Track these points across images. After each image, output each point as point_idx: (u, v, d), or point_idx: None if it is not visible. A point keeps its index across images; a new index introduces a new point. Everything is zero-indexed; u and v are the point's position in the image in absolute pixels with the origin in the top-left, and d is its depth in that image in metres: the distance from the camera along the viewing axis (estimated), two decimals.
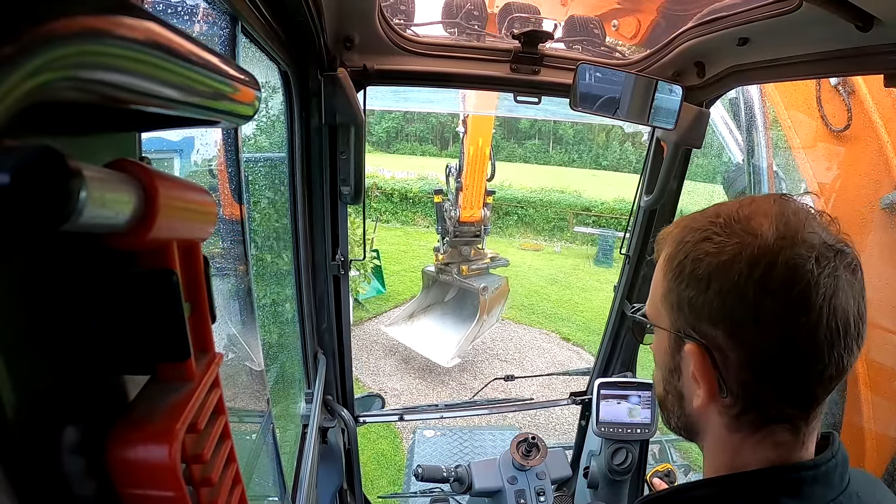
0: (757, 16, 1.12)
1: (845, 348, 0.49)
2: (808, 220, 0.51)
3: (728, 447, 0.56)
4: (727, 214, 0.53)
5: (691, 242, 0.54)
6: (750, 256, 0.49)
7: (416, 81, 1.53)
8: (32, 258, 0.25)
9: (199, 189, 0.35)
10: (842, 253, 0.50)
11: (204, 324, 0.37)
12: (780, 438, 0.53)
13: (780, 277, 0.48)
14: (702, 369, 0.53)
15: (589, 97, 1.39)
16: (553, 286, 11.64)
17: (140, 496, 0.30)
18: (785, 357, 0.50)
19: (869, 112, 1.75)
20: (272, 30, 1.02)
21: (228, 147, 1.09)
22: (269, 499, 1.31)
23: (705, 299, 0.52)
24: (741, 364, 0.52)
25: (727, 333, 0.51)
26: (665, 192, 1.66)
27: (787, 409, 0.53)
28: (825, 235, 0.50)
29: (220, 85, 0.35)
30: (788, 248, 0.49)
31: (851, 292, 0.49)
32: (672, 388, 0.60)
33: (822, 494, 0.52)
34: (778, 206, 0.52)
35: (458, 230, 7.18)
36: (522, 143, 33.21)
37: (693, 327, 0.53)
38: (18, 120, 0.19)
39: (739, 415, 0.54)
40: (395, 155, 28.27)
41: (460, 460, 2.88)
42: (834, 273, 0.48)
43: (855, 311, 0.49)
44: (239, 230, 1.14)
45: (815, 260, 0.48)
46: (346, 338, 1.74)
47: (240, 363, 1.23)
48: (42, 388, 0.26)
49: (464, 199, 6.99)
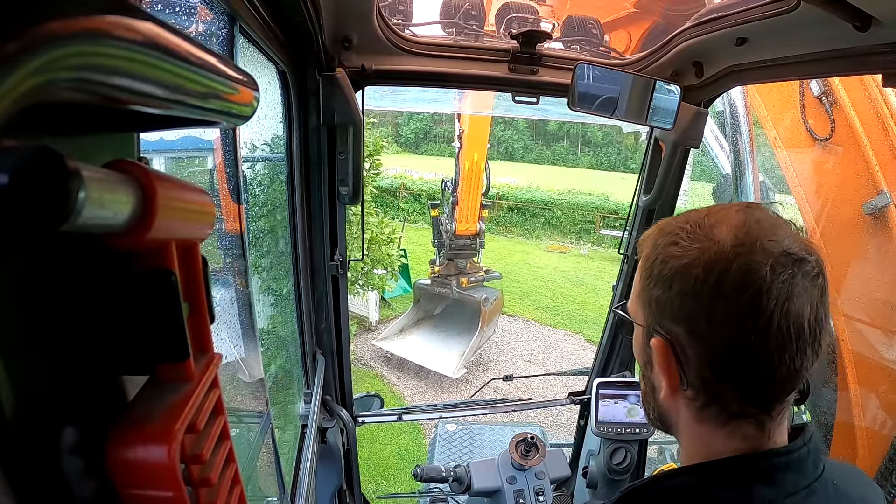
0: (755, 16, 1.13)
1: (798, 352, 0.51)
2: (770, 228, 0.53)
3: (700, 438, 0.59)
4: (694, 221, 0.57)
5: (661, 245, 0.58)
6: (707, 261, 0.53)
7: (415, 81, 1.53)
8: (31, 258, 0.25)
9: (197, 189, 0.35)
10: (802, 261, 0.52)
11: (203, 324, 0.37)
12: (747, 432, 0.56)
13: (733, 282, 0.51)
14: (664, 362, 0.57)
15: (587, 97, 1.39)
16: (579, 288, 11.78)
17: (139, 496, 0.30)
18: (737, 357, 0.53)
19: (851, 121, 1.83)
20: (270, 30, 1.01)
21: (227, 147, 1.09)
22: (268, 499, 1.31)
23: (668, 298, 0.56)
24: (700, 360, 0.55)
25: (686, 331, 0.55)
26: (663, 192, 1.66)
27: (748, 408, 0.55)
28: (788, 244, 0.52)
29: (218, 85, 0.35)
30: (744, 255, 0.51)
31: (808, 298, 0.51)
32: (647, 380, 0.64)
33: (794, 481, 0.54)
34: (742, 214, 0.55)
35: (455, 243, 7.35)
36: (551, 146, 33.18)
37: (659, 323, 0.58)
38: (17, 120, 0.19)
39: (703, 408, 0.57)
40: (424, 156, 28.12)
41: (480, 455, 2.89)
42: (791, 280, 0.51)
43: (811, 317, 0.51)
44: (238, 230, 1.14)
45: (770, 267, 0.51)
46: (345, 338, 1.74)
47: (239, 363, 1.23)
48: (41, 388, 0.26)
49: (459, 213, 7.18)
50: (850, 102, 1.82)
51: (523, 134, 32.56)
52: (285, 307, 1.71)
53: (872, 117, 1.77)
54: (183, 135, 1.10)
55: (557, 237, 16.54)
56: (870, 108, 1.77)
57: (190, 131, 1.03)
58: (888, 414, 1.73)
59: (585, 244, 15.97)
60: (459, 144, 6.90)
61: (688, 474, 0.58)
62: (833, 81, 1.87)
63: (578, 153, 32.76)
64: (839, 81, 1.85)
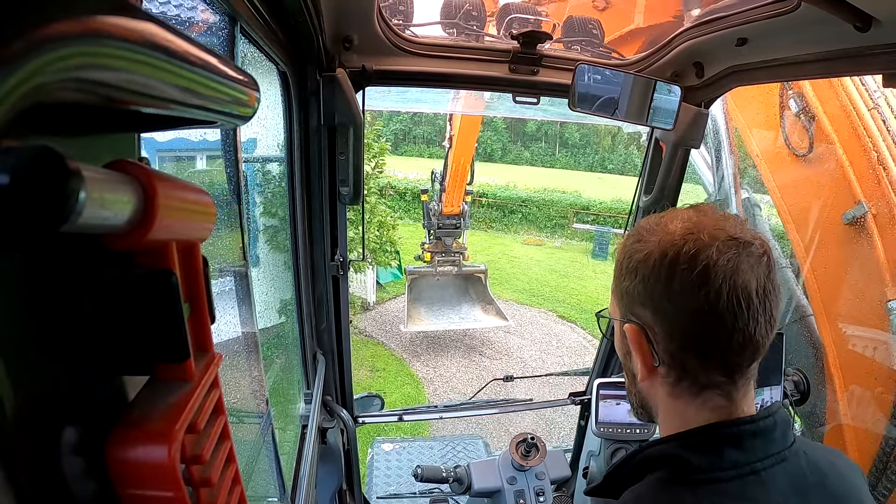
0: (755, 16, 1.13)
1: (750, 319, 0.58)
2: (717, 220, 0.61)
3: (675, 412, 0.65)
4: (654, 221, 0.65)
5: (628, 245, 0.66)
6: (663, 247, 0.61)
7: (415, 82, 1.53)
8: (32, 259, 0.25)
9: (197, 189, 0.35)
10: (747, 244, 0.59)
11: (203, 324, 0.37)
12: (717, 403, 0.62)
13: (685, 260, 0.58)
14: (636, 344, 0.64)
15: (588, 97, 1.39)
16: (552, 275, 13.25)
17: (139, 496, 0.30)
18: (696, 326, 0.59)
19: (829, 136, 1.96)
20: (271, 30, 1.01)
21: (227, 147, 1.08)
22: (268, 499, 1.31)
23: (634, 286, 0.63)
24: (666, 336, 0.62)
25: (652, 312, 0.62)
26: (664, 192, 1.66)
27: (714, 376, 0.61)
28: (732, 231, 0.59)
29: (218, 85, 0.35)
30: (692, 240, 0.59)
31: (753, 273, 0.58)
32: (628, 371, 0.71)
33: (762, 447, 0.60)
34: (693, 211, 0.63)
35: (442, 222, 8.71)
36: (529, 147, 33.65)
37: (631, 311, 0.65)
38: (18, 120, 0.19)
39: (676, 383, 0.63)
40: (404, 157, 28.49)
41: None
42: (736, 258, 0.57)
43: (758, 289, 0.58)
44: (238, 230, 1.14)
45: (716, 247, 0.58)
46: (346, 338, 1.74)
47: (239, 363, 1.22)
48: (41, 388, 0.26)
49: (446, 198, 8.51)
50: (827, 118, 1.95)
51: (502, 135, 32.82)
52: (286, 307, 1.71)
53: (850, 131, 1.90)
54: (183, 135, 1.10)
55: (533, 231, 17.98)
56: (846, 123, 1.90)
57: (190, 131, 1.03)
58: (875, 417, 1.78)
59: (559, 238, 17.47)
60: (449, 145, 8.00)
61: (665, 443, 0.64)
62: (810, 97, 2.00)
63: (556, 154, 33.23)
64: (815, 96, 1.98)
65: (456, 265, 9.06)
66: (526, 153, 33.22)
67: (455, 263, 9.07)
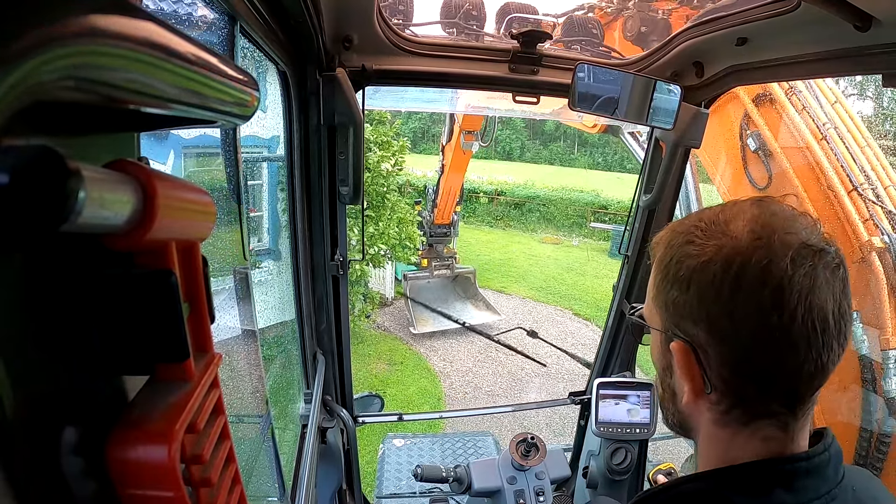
0: (755, 16, 1.13)
1: (824, 346, 0.50)
2: (787, 221, 0.52)
3: (719, 442, 0.57)
4: (708, 218, 0.55)
5: (676, 245, 0.56)
6: (725, 257, 0.51)
7: (415, 81, 1.53)
8: (31, 258, 0.25)
9: (197, 189, 0.35)
10: (822, 252, 0.50)
11: (203, 324, 0.37)
12: (770, 433, 0.54)
13: (753, 276, 0.50)
14: (685, 366, 0.55)
15: (587, 97, 1.39)
16: (569, 273, 13.31)
17: (139, 496, 0.30)
18: (761, 353, 0.51)
19: (786, 170, 2.20)
20: (271, 30, 1.01)
21: (227, 147, 1.08)
22: (268, 499, 1.31)
23: (687, 299, 0.54)
24: (721, 360, 0.53)
25: (706, 331, 0.53)
26: (663, 192, 1.66)
27: (772, 406, 0.53)
28: (806, 235, 0.51)
29: (218, 85, 0.35)
30: (763, 249, 0.50)
31: (830, 291, 0.50)
32: (667, 385, 0.62)
33: (815, 487, 0.52)
34: (757, 208, 0.54)
35: (433, 230, 9.66)
36: (547, 145, 33.70)
37: (678, 326, 0.56)
38: (18, 120, 0.19)
39: (727, 411, 0.55)
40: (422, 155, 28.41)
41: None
42: (812, 272, 0.49)
43: (834, 310, 0.50)
44: (238, 230, 1.14)
45: (790, 259, 0.49)
46: (346, 338, 1.74)
47: (239, 363, 1.22)
48: (41, 388, 0.26)
49: (437, 212, 9.50)
50: (784, 155, 2.15)
51: (521, 133, 32.71)
52: (285, 307, 1.71)
53: (804, 166, 2.10)
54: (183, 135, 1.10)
55: (551, 230, 18.07)
56: (800, 157, 2.10)
57: (189, 130, 1.03)
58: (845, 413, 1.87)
59: (577, 236, 17.50)
60: (441, 172, 8.74)
61: (704, 479, 0.56)
62: (768, 137, 2.20)
63: (575, 153, 33.13)
64: (771, 133, 2.19)
65: (449, 268, 9.89)
66: (545, 152, 33.25)
67: (449, 267, 9.89)
